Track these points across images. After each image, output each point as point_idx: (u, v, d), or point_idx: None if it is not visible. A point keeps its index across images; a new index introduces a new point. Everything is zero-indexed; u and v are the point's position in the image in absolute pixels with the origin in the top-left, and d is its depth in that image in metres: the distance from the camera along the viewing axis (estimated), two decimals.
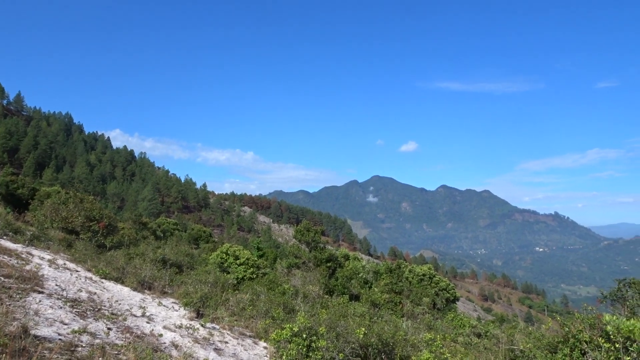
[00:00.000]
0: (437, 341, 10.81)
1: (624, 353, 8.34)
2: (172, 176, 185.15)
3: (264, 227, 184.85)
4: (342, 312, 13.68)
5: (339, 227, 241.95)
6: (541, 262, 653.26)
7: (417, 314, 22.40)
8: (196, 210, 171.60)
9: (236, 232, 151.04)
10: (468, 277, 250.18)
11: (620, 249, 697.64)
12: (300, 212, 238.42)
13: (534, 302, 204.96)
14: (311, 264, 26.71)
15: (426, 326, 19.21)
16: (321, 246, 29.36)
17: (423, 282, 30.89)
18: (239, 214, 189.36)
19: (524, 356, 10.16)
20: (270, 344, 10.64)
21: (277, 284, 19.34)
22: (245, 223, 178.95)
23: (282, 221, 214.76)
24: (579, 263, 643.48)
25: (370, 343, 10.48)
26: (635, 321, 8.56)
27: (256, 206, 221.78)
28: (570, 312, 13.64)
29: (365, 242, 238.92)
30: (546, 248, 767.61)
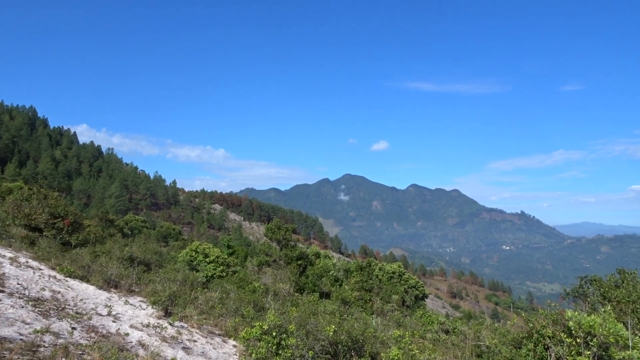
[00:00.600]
0: (406, 338, 10.91)
1: (585, 347, 8.62)
2: (140, 173, 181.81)
3: (234, 225, 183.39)
4: (312, 310, 13.66)
5: (310, 225, 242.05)
6: (507, 260, 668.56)
7: (386, 311, 22.59)
8: (165, 207, 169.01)
9: (206, 230, 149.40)
10: (437, 274, 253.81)
11: (582, 247, 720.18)
12: (272, 210, 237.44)
13: (500, 299, 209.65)
14: (282, 262, 26.62)
15: (395, 323, 19.40)
16: (292, 244, 29.29)
17: (393, 280, 31.18)
18: (209, 212, 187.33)
19: (490, 352, 10.37)
20: (239, 343, 10.56)
21: (247, 282, 19.20)
22: (216, 221, 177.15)
23: (253, 219, 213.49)
24: (544, 261, 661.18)
25: (340, 340, 10.51)
26: (595, 317, 8.84)
27: (227, 204, 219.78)
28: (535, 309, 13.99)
29: (336, 240, 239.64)
30: (512, 246, 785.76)
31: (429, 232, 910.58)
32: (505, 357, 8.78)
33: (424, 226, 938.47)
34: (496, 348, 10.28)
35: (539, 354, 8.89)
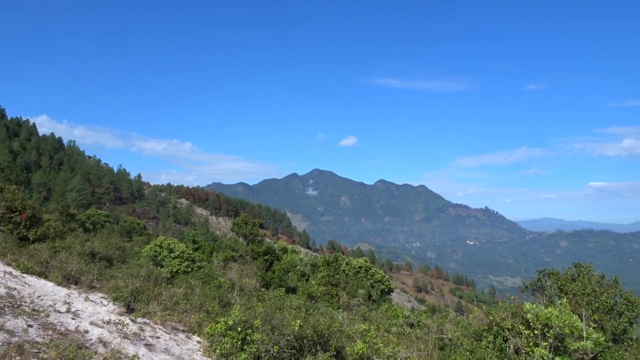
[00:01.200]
0: (371, 332, 11.03)
1: (542, 339, 8.92)
2: (104, 166, 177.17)
3: (201, 219, 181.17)
4: (278, 305, 13.65)
5: (278, 220, 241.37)
6: (472, 255, 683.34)
7: (352, 305, 22.77)
8: (130, 201, 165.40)
9: (172, 225, 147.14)
10: (403, 269, 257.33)
11: (543, 242, 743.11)
12: (239, 205, 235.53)
13: (464, 292, 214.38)
14: (248, 257, 26.47)
15: (361, 317, 19.57)
16: (259, 239, 29.15)
17: (359, 275, 31.44)
18: (175, 206, 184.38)
19: (452, 344, 10.59)
20: (204, 338, 10.47)
21: (212, 277, 19.01)
22: (182, 215, 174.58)
23: (220, 214, 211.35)
24: (506, 255, 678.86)
25: (306, 335, 10.54)
26: (552, 309, 9.15)
27: (194, 198, 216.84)
28: (497, 302, 14.34)
29: (304, 235, 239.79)
30: (476, 241, 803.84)
31: (396, 227, 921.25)
32: (467, 350, 8.99)
33: (391, 221, 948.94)
34: (458, 341, 10.52)
35: (499, 346, 9.14)
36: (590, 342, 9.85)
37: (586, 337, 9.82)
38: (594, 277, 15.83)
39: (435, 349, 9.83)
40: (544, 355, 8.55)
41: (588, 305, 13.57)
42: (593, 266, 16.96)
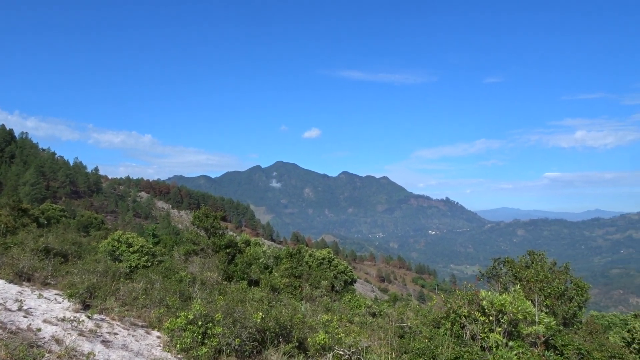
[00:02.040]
0: (334, 322, 11.12)
1: (497, 324, 9.23)
2: (59, 159, 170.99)
3: (162, 213, 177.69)
4: (240, 298, 13.58)
5: (241, 213, 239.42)
6: (433, 244, 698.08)
7: (315, 296, 22.90)
8: (87, 195, 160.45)
9: (132, 219, 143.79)
10: (367, 259, 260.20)
11: (501, 231, 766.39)
12: (202, 198, 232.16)
13: (426, 281, 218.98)
14: (210, 251, 26.18)
15: (324, 308, 19.71)
16: (220, 232, 28.86)
17: (322, 266, 31.62)
18: (135, 200, 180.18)
19: (412, 332, 10.82)
20: (163, 333, 10.31)
21: (173, 271, 18.73)
22: (142, 209, 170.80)
23: (182, 207, 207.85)
24: (466, 244, 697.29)
25: (268, 327, 10.55)
26: (506, 296, 9.48)
27: (154, 191, 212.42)
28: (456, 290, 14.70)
29: (268, 227, 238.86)
30: (438, 231, 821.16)
31: (359, 218, 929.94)
32: (425, 337, 9.20)
33: (355, 212, 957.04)
34: (417, 328, 10.75)
35: (456, 332, 9.41)
36: (542, 326, 10.27)
37: (538, 321, 10.22)
38: (546, 264, 16.46)
39: (395, 337, 10.01)
40: (498, 340, 8.85)
41: (541, 291, 14.10)
42: (547, 254, 17.61)
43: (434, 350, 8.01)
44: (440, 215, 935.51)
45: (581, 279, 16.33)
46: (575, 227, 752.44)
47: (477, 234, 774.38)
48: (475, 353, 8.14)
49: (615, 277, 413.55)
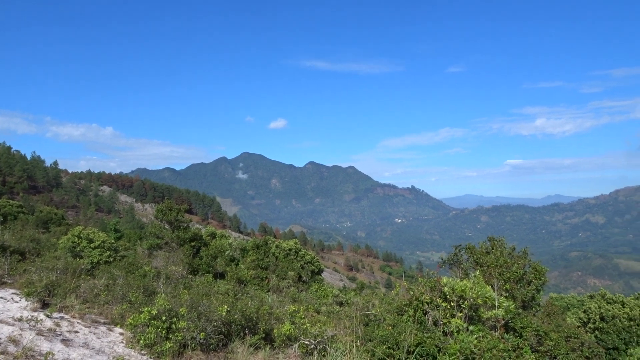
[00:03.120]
0: (300, 312, 11.17)
1: (458, 310, 9.48)
2: (15, 153, 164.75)
3: (126, 207, 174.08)
4: (205, 292, 13.46)
5: (207, 205, 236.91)
6: (400, 232, 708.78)
7: (282, 287, 22.92)
8: (46, 190, 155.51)
9: (94, 214, 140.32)
10: (335, 249, 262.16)
11: (465, 217, 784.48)
12: (166, 191, 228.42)
13: (393, 269, 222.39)
14: (174, 244, 25.83)
15: (291, 299, 19.75)
16: (185, 225, 28.49)
17: (289, 257, 31.65)
18: (97, 194, 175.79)
19: (376, 320, 10.99)
20: (126, 330, 10.13)
21: (137, 266, 18.38)
22: (105, 203, 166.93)
23: (146, 200, 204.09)
24: (432, 232, 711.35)
25: (234, 319, 10.50)
26: (467, 282, 9.73)
27: (117, 185, 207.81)
28: (418, 276, 15.00)
29: (235, 219, 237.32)
30: (404, 219, 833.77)
31: (326, 208, 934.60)
32: (389, 324, 9.36)
33: (322, 202, 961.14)
34: (381, 316, 10.93)
35: (419, 319, 9.61)
36: (502, 310, 10.60)
37: (498, 305, 10.55)
38: (505, 249, 16.98)
39: (360, 326, 10.14)
40: (460, 325, 9.09)
41: (500, 276, 14.56)
42: (510, 239, 18.17)
43: (397, 337, 8.16)
44: (406, 203, 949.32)
45: (539, 263, 16.93)
46: (536, 212, 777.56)
47: (442, 221, 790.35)
48: (437, 338, 8.34)
49: (574, 260, 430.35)
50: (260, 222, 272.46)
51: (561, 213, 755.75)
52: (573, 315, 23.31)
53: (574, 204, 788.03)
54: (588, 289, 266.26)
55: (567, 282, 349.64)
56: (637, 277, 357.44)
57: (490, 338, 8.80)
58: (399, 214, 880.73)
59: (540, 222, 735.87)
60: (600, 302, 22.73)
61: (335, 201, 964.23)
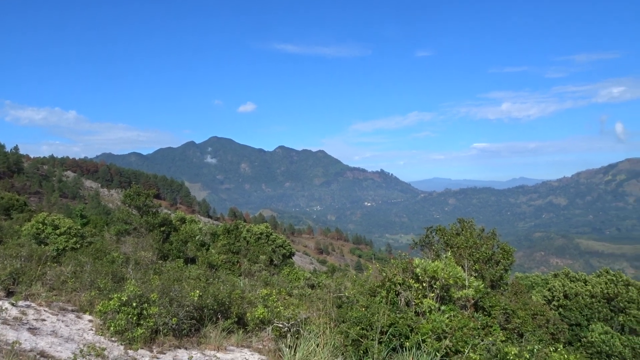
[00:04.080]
0: (273, 296, 11.17)
1: (430, 290, 9.65)
2: None
3: (91, 192, 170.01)
4: (176, 277, 13.30)
5: (176, 190, 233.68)
6: (369, 215, 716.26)
7: (254, 271, 22.90)
8: (7, 176, 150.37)
9: (58, 199, 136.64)
10: (305, 232, 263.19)
11: (433, 200, 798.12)
12: (133, 176, 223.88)
13: (363, 251, 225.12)
14: (143, 230, 25.40)
15: (263, 282, 19.76)
16: (153, 210, 28.03)
17: (260, 241, 31.59)
18: (60, 180, 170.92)
19: (349, 301, 11.10)
20: (96, 317, 9.92)
21: (104, 252, 18.02)
22: (69, 189, 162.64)
23: (112, 186, 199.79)
24: (401, 214, 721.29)
25: (206, 304, 10.43)
26: (438, 262, 9.91)
27: (81, 170, 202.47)
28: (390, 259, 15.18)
29: (204, 204, 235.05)
30: (373, 202, 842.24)
31: (296, 192, 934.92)
32: (362, 306, 9.45)
33: (292, 186, 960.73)
34: (354, 298, 11.04)
35: (391, 300, 9.74)
36: (472, 289, 10.86)
37: (468, 285, 10.79)
38: (475, 230, 17.36)
39: (333, 308, 10.22)
40: (431, 305, 9.25)
41: (470, 256, 14.89)
42: (476, 221, 18.55)
43: (370, 318, 8.24)
44: (375, 187, 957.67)
45: (507, 244, 17.39)
46: (502, 194, 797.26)
47: (410, 204, 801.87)
48: (410, 318, 8.46)
49: (538, 240, 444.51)
50: (230, 206, 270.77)
51: (525, 195, 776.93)
52: (538, 294, 24.11)
53: (537, 187, 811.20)
54: (551, 268, 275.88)
55: (531, 261, 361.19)
56: (597, 256, 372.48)
57: (461, 317, 8.99)
58: (368, 197, 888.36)
59: (506, 204, 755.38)
60: (564, 280, 23.57)
61: (305, 185, 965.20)
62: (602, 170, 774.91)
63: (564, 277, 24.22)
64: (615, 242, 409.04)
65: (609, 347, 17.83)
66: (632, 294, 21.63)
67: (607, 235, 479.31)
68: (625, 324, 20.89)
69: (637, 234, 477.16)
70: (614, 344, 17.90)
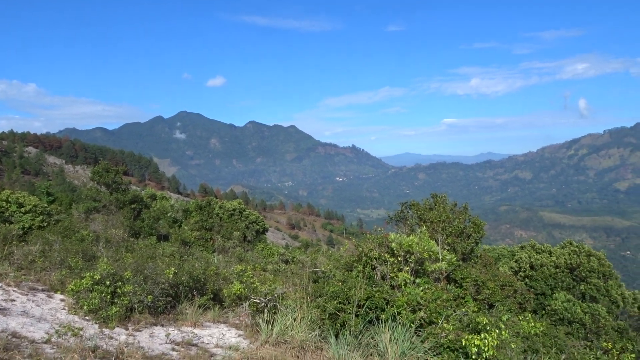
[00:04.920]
0: (248, 272, 11.18)
1: (405, 264, 9.82)
2: None
3: (55, 169, 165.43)
4: (149, 254, 13.16)
5: (144, 166, 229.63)
6: (341, 191, 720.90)
7: (228, 248, 22.85)
8: None
9: (20, 177, 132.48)
10: (277, 208, 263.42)
11: (404, 175, 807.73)
12: (99, 152, 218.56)
13: (334, 226, 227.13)
14: (113, 207, 24.91)
15: (237, 259, 19.75)
16: (123, 187, 27.47)
17: (233, 217, 31.45)
18: (22, 156, 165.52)
19: (325, 276, 11.21)
20: (68, 296, 9.73)
21: (73, 231, 17.63)
22: (32, 165, 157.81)
23: (77, 162, 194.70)
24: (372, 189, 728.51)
25: (181, 281, 10.37)
26: (413, 237, 10.08)
27: (44, 146, 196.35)
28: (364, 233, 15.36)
29: (174, 180, 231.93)
30: (345, 178, 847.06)
31: (268, 167, 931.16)
32: (338, 280, 9.55)
33: (263, 162, 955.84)
34: (330, 272, 11.16)
35: (367, 274, 9.88)
36: (445, 263, 11.11)
37: (441, 259, 11.02)
38: (448, 205, 17.68)
39: (309, 282, 10.29)
40: (406, 278, 9.42)
41: (443, 230, 15.20)
42: (447, 195, 18.88)
43: (347, 292, 8.34)
44: (347, 162, 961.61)
45: (478, 217, 17.80)
46: (470, 169, 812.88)
47: (381, 179, 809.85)
48: (386, 292, 8.60)
49: (503, 214, 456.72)
50: (200, 182, 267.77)
51: (492, 170, 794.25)
52: (505, 265, 24.87)
53: (504, 161, 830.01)
54: (515, 240, 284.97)
55: (496, 234, 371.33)
56: (559, 228, 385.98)
57: (435, 289, 9.20)
58: (340, 172, 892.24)
59: (474, 178, 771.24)
60: (530, 252, 24.36)
61: (276, 161, 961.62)
62: (566, 145, 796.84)
63: (530, 248, 25.02)
64: (576, 215, 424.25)
65: (571, 314, 18.68)
66: (593, 264, 22.57)
67: (569, 208, 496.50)
68: (586, 292, 21.83)
69: (596, 206, 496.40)
70: (575, 311, 18.75)
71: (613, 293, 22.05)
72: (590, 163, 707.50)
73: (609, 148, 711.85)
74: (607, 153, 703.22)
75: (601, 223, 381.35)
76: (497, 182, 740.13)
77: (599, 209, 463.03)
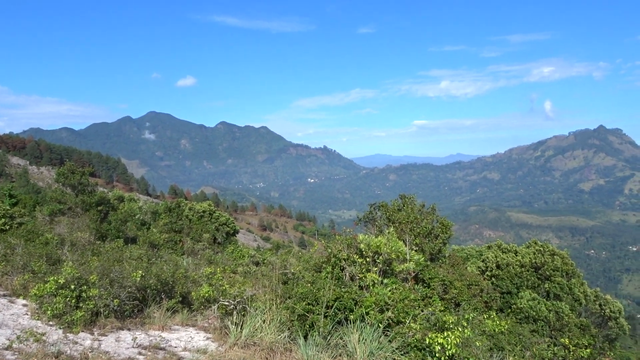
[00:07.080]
0: (217, 274, 11.12)
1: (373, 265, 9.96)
2: None
3: (19, 170, 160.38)
4: (116, 257, 12.93)
5: (112, 167, 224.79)
6: (312, 192, 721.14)
7: (197, 250, 22.63)
8: None
9: None
10: (248, 210, 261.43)
11: (375, 176, 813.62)
12: (65, 152, 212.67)
13: (306, 228, 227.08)
14: (79, 209, 24.35)
15: (207, 261, 19.59)
16: (90, 189, 26.89)
17: (203, 219, 31.15)
18: None
19: (295, 278, 11.25)
20: (30, 301, 9.51)
21: (37, 234, 17.17)
22: None
23: (42, 163, 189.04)
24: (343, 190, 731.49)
25: (149, 285, 10.26)
26: (381, 238, 10.22)
27: (7, 146, 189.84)
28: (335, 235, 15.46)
29: (143, 181, 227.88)
30: (317, 179, 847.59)
31: (239, 169, 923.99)
32: (308, 281, 9.61)
33: (235, 163, 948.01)
34: (300, 274, 11.20)
35: (336, 275, 9.97)
36: (413, 263, 11.30)
37: (409, 259, 11.21)
38: (416, 206, 17.97)
39: (279, 284, 10.32)
40: (375, 279, 9.55)
41: (411, 231, 15.43)
42: (416, 196, 19.17)
43: (316, 293, 8.40)
44: (318, 163, 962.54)
45: (445, 218, 18.14)
46: (440, 170, 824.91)
47: (353, 180, 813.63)
48: (354, 292, 8.69)
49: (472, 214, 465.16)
50: (170, 184, 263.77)
51: (462, 171, 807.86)
52: (473, 265, 25.38)
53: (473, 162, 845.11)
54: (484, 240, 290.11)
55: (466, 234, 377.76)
56: (526, 228, 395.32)
57: (403, 289, 9.34)
58: (311, 173, 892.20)
59: (444, 179, 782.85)
60: (497, 251, 24.94)
61: (248, 162, 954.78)
62: (532, 147, 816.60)
63: (497, 248, 25.63)
64: (542, 215, 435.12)
65: (536, 312, 19.22)
66: (557, 263, 23.28)
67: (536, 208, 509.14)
68: (550, 291, 22.50)
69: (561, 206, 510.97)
70: (540, 309, 19.30)
71: (576, 291, 22.79)
72: (556, 164, 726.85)
73: (573, 149, 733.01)
74: (572, 154, 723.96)
75: (566, 223, 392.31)
76: (466, 183, 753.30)
77: (564, 209, 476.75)
